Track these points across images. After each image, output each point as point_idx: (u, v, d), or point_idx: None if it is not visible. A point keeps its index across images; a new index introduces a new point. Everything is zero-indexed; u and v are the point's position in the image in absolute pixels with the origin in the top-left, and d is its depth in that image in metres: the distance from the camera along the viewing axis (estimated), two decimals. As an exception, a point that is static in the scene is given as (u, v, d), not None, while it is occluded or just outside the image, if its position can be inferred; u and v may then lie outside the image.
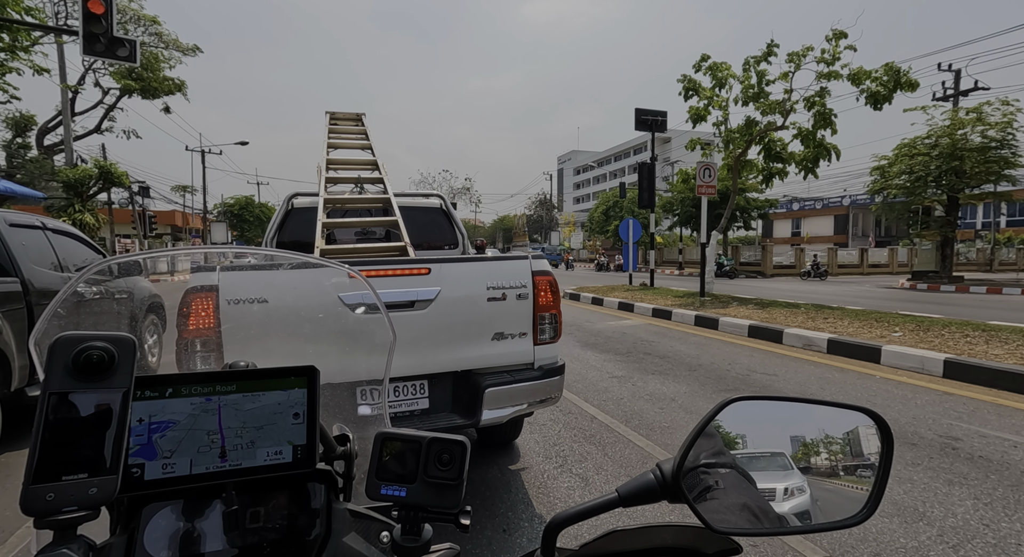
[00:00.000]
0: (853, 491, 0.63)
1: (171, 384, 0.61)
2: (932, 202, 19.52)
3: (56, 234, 4.74)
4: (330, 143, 4.64)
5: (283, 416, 0.65)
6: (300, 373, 0.66)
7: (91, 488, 0.47)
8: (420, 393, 2.61)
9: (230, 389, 0.63)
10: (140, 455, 0.59)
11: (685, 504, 0.58)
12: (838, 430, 0.66)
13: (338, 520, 0.68)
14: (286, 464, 0.64)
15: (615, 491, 0.59)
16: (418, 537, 0.55)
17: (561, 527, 0.57)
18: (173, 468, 0.60)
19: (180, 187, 45.20)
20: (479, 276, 2.66)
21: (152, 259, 1.14)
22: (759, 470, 0.63)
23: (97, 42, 8.66)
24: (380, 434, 0.58)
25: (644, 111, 16.82)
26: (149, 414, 0.59)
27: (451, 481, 0.56)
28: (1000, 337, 6.55)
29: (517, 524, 2.64)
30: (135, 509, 0.62)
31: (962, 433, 3.87)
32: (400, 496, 0.56)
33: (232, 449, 0.62)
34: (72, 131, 20.50)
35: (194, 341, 2.08)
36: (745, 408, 0.65)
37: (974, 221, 40.81)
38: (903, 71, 11.03)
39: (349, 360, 1.19)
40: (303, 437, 0.65)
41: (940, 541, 2.45)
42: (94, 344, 0.50)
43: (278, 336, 2.06)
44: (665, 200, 30.77)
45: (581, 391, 5.09)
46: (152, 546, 0.60)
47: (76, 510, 0.47)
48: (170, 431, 0.60)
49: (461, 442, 0.57)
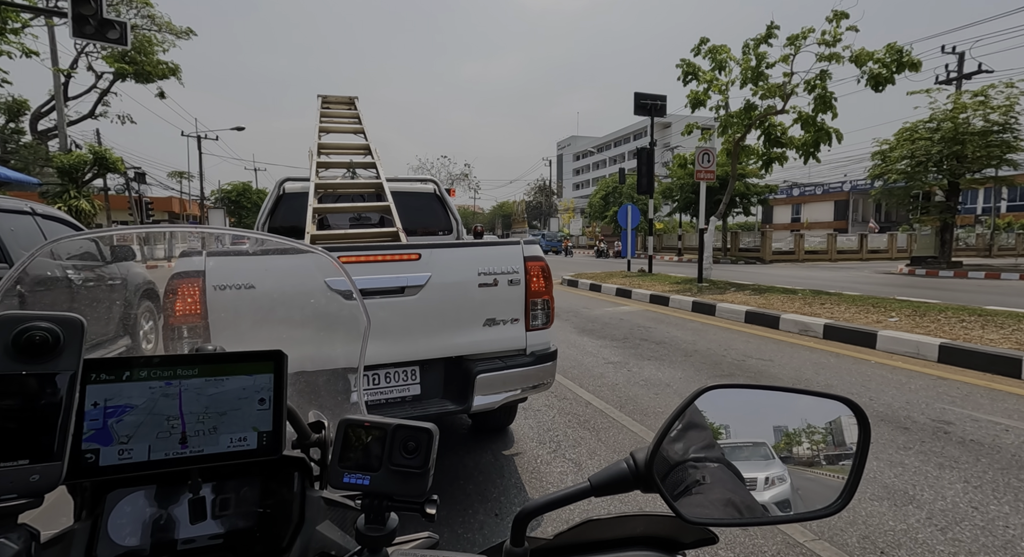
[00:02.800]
0: (833, 480, 0.62)
1: (129, 367, 0.59)
2: (932, 187, 19.43)
3: (46, 220, 4.69)
4: (322, 127, 4.57)
5: (248, 401, 0.63)
6: (266, 357, 0.64)
7: (32, 475, 0.46)
8: (411, 379, 2.60)
9: (192, 373, 0.61)
10: (95, 440, 0.57)
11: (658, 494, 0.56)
12: (821, 420, 0.65)
13: (312, 508, 0.67)
14: (251, 451, 0.63)
15: (587, 480, 0.58)
16: (383, 526, 0.54)
17: (531, 517, 0.56)
18: (130, 454, 0.58)
19: (177, 173, 44.90)
20: (470, 262, 2.64)
21: (99, 237, 1.11)
22: (742, 460, 0.63)
23: (87, 24, 8.52)
24: (343, 421, 0.57)
25: (643, 95, 16.62)
26: (104, 398, 0.58)
27: (416, 469, 0.55)
28: (996, 322, 6.56)
29: (509, 509, 2.66)
30: (100, 495, 0.60)
31: (955, 417, 3.88)
32: (363, 484, 0.55)
33: (193, 435, 0.61)
34: (66, 116, 20.29)
35: (181, 327, 2.06)
36: (729, 397, 0.64)
37: (974, 206, 40.70)
38: (905, 51, 10.88)
39: (337, 345, 1.18)
40: (269, 423, 0.64)
41: (929, 523, 2.47)
42: (37, 324, 0.48)
43: (264, 322, 2.05)
44: (664, 186, 30.63)
45: (576, 377, 5.10)
46: (117, 533, 0.59)
47: (15, 498, 0.45)
48: (127, 416, 0.58)
49: (428, 430, 0.56)
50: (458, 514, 2.58)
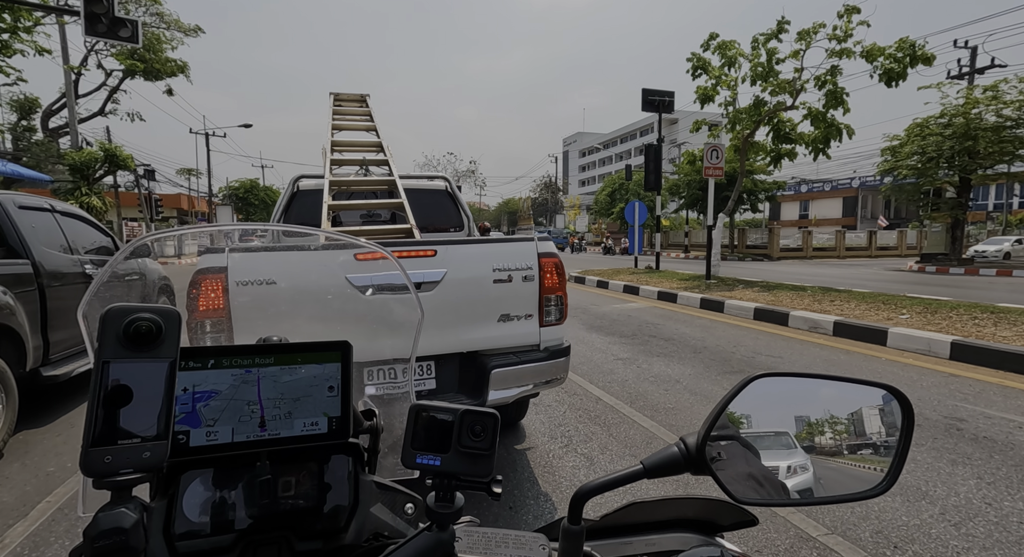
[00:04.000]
0: (855, 469, 0.64)
1: (213, 356, 0.64)
2: (943, 183, 19.23)
3: (65, 216, 4.76)
4: (334, 124, 4.61)
5: (319, 388, 0.68)
6: (334, 347, 0.70)
7: (144, 452, 0.50)
8: (427, 374, 2.64)
9: (268, 362, 0.66)
10: (185, 423, 0.62)
11: (700, 476, 0.59)
12: (843, 411, 0.67)
13: (365, 491, 0.71)
14: (322, 434, 0.68)
15: (640, 463, 0.61)
16: (451, 504, 0.57)
17: (588, 496, 0.59)
18: (216, 436, 0.63)
19: (185, 170, 45.18)
20: (485, 258, 2.66)
21: (185, 236, 1.16)
22: (763, 448, 0.64)
23: (99, 22, 8.59)
24: (415, 406, 0.60)
25: (651, 91, 16.54)
26: (193, 384, 0.63)
27: (483, 451, 0.58)
28: (1009, 319, 6.51)
29: (523, 502, 2.69)
30: (173, 476, 0.64)
31: (967, 414, 3.88)
32: (435, 465, 0.58)
33: (271, 419, 0.66)
34: (76, 113, 20.47)
35: (204, 322, 2.10)
36: (754, 387, 0.66)
37: (986, 203, 40.18)
38: (918, 45, 10.76)
39: (357, 341, 1.21)
40: (338, 409, 0.69)
41: (942, 519, 2.48)
42: (142, 316, 0.51)
43: (286, 317, 2.09)
44: (672, 182, 30.47)
45: (586, 373, 5.13)
46: (191, 512, 0.63)
47: (132, 472, 0.49)
48: (213, 401, 0.64)
49: (493, 414, 0.59)
50: (472, 508, 2.60)
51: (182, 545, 0.62)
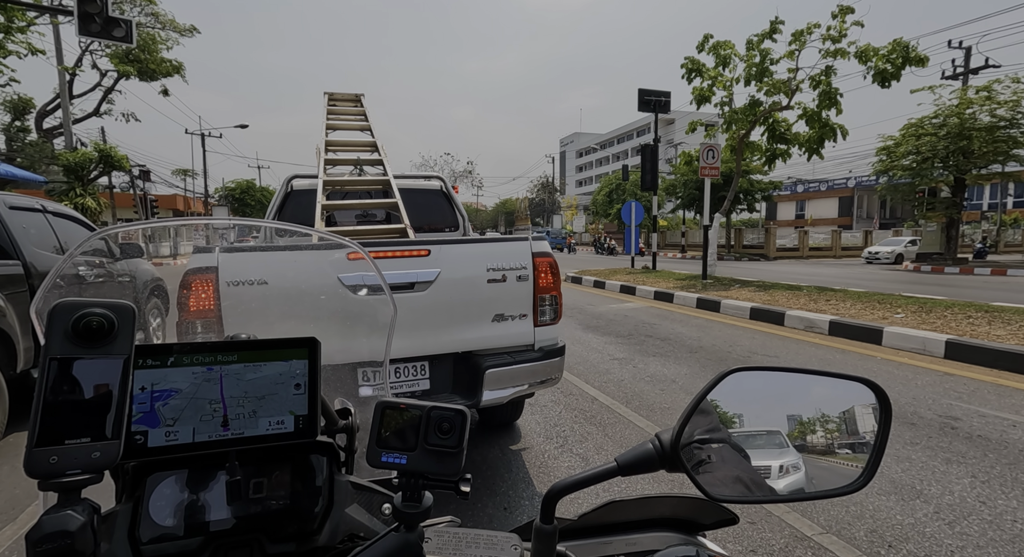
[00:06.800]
0: (847, 468, 0.63)
1: (173, 353, 0.62)
2: (938, 183, 19.31)
3: (57, 217, 4.73)
4: (329, 124, 4.59)
5: (284, 386, 0.66)
6: (300, 344, 0.67)
7: (94, 452, 0.48)
8: (421, 374, 2.62)
9: (231, 359, 0.64)
10: (143, 422, 0.60)
11: (683, 474, 0.58)
12: (835, 409, 0.66)
13: (340, 492, 0.69)
14: (288, 433, 0.65)
15: (614, 460, 0.59)
16: (418, 504, 0.55)
17: (560, 495, 0.58)
18: (176, 436, 0.61)
19: (181, 171, 44.97)
20: (479, 258, 2.65)
21: (153, 229, 1.14)
22: (755, 448, 0.63)
23: (93, 22, 8.54)
24: (380, 403, 0.58)
25: (647, 91, 16.54)
26: (151, 382, 0.60)
27: (451, 449, 0.56)
28: (1003, 318, 6.54)
29: (518, 502, 2.68)
30: (140, 478, 0.63)
31: (962, 413, 3.88)
32: (401, 463, 0.56)
33: (234, 418, 0.63)
34: (71, 114, 20.33)
35: (194, 322, 2.08)
36: (743, 384, 0.65)
37: (980, 202, 40.38)
38: (912, 47, 10.81)
39: (350, 341, 1.19)
40: (304, 407, 0.66)
41: (936, 518, 2.48)
42: (93, 311, 0.50)
43: (278, 317, 2.07)
44: (668, 182, 30.53)
45: (582, 373, 5.12)
46: (157, 514, 0.62)
47: (80, 473, 0.47)
48: (172, 399, 0.61)
49: (461, 411, 0.58)
50: (467, 508, 2.60)
51: (147, 549, 0.60)
